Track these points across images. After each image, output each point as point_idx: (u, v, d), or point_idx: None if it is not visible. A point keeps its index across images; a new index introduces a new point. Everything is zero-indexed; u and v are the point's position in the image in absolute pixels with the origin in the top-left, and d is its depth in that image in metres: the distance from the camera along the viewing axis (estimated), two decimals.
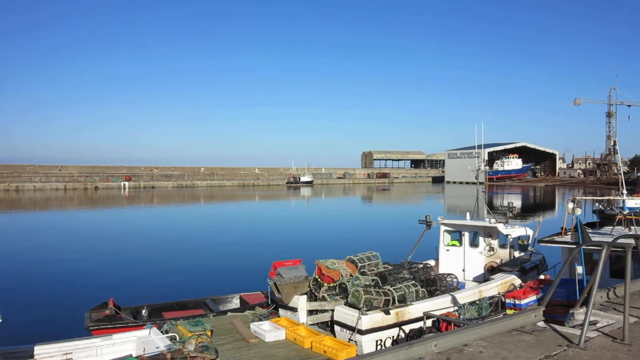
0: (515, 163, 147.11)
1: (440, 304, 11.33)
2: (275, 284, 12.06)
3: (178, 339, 9.20)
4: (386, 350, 4.84)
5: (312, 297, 11.96)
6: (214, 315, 12.62)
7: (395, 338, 10.57)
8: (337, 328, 10.78)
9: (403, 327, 10.65)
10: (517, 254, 15.36)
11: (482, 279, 15.06)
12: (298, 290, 11.97)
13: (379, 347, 10.24)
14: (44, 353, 8.70)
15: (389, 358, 4.62)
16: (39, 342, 8.97)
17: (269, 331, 10.69)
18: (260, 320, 11.81)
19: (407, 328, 10.65)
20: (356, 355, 9.25)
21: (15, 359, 9.28)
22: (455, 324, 9.72)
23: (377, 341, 10.33)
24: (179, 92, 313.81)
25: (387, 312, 10.49)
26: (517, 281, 13.22)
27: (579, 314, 6.40)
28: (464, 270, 15.97)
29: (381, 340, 10.40)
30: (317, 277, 12.02)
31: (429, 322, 10.48)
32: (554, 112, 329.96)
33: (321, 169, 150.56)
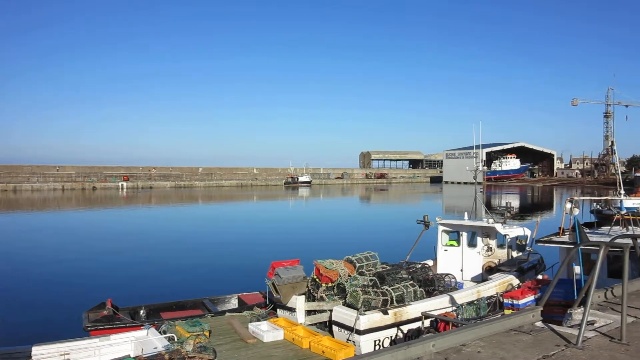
0: (513, 163, 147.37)
1: (438, 304, 11.34)
2: (273, 284, 12.06)
3: (176, 340, 9.18)
4: (384, 351, 4.84)
5: (310, 297, 11.97)
6: (212, 316, 12.61)
7: (393, 338, 10.58)
8: (335, 328, 10.79)
9: (401, 327, 10.66)
10: (515, 254, 15.39)
11: (480, 279, 15.08)
12: (296, 291, 11.98)
13: (377, 347, 10.25)
14: (42, 353, 8.69)
15: (387, 358, 4.63)
16: (37, 342, 8.95)
17: (267, 331, 10.68)
18: (259, 320, 11.80)
19: (405, 328, 10.65)
20: (354, 356, 9.25)
21: (13, 359, 9.27)
22: (453, 324, 9.71)
23: (375, 341, 10.34)
24: (179, 92, 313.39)
25: (385, 312, 10.51)
26: (515, 281, 13.24)
27: (576, 314, 6.41)
28: (462, 270, 15.98)
29: (379, 341, 10.40)
30: (315, 277, 12.03)
31: (427, 322, 10.48)
32: (553, 112, 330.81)
33: (319, 169, 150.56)
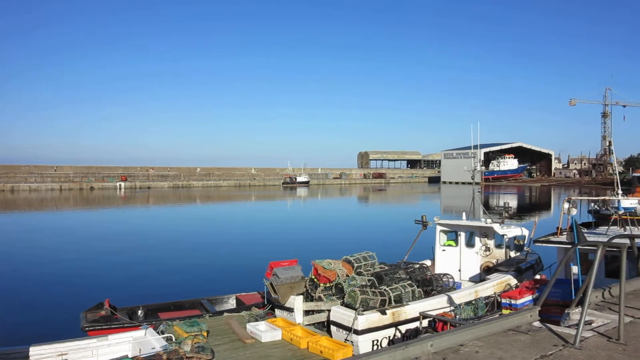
0: (511, 163, 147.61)
1: (436, 304, 11.35)
2: (271, 284, 12.05)
3: (174, 340, 9.18)
4: (382, 351, 4.84)
5: (308, 297, 11.96)
6: (210, 316, 12.59)
7: (391, 338, 10.58)
8: (333, 328, 10.79)
9: (399, 327, 10.66)
10: (513, 254, 15.41)
11: (478, 279, 15.11)
12: (294, 291, 11.97)
13: (375, 347, 10.25)
14: (40, 354, 8.67)
15: (385, 358, 4.62)
16: (34, 342, 8.94)
17: (265, 331, 10.67)
18: (257, 320, 11.79)
19: (403, 328, 10.66)
20: (352, 356, 9.25)
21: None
22: (451, 324, 9.72)
23: (373, 341, 10.34)
24: (179, 92, 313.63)
25: (384, 312, 10.51)
26: (513, 281, 13.26)
27: (574, 313, 6.42)
28: (460, 270, 16.00)
29: (377, 341, 10.41)
30: (313, 277, 12.02)
31: (425, 322, 10.48)
32: (551, 112, 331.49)
33: (317, 169, 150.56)
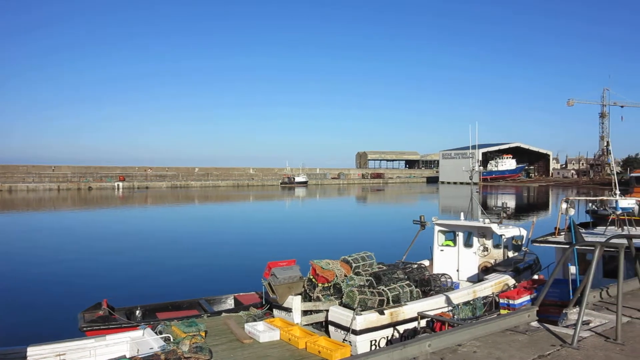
0: (509, 163, 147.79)
1: (434, 304, 11.35)
2: (269, 284, 12.05)
3: (172, 340, 9.17)
4: (380, 351, 4.84)
5: (306, 297, 11.96)
6: (208, 316, 12.58)
7: (389, 338, 10.58)
8: (331, 328, 10.78)
9: (397, 328, 10.66)
10: (511, 254, 15.43)
11: (476, 279, 15.12)
12: (292, 291, 11.96)
13: (373, 347, 10.25)
14: (37, 354, 8.65)
15: (383, 358, 4.63)
16: (32, 343, 8.92)
17: (263, 332, 10.66)
18: (255, 320, 11.78)
19: (401, 328, 10.66)
20: (350, 356, 9.25)
21: None
22: (449, 324, 9.73)
23: (371, 341, 10.34)
24: (179, 92, 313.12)
25: (382, 313, 10.51)
26: (511, 281, 13.27)
27: (572, 313, 6.44)
28: (458, 270, 16.02)
29: (375, 341, 10.41)
30: (311, 277, 12.02)
31: (423, 322, 10.49)
32: (549, 112, 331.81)
33: (316, 169, 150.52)
